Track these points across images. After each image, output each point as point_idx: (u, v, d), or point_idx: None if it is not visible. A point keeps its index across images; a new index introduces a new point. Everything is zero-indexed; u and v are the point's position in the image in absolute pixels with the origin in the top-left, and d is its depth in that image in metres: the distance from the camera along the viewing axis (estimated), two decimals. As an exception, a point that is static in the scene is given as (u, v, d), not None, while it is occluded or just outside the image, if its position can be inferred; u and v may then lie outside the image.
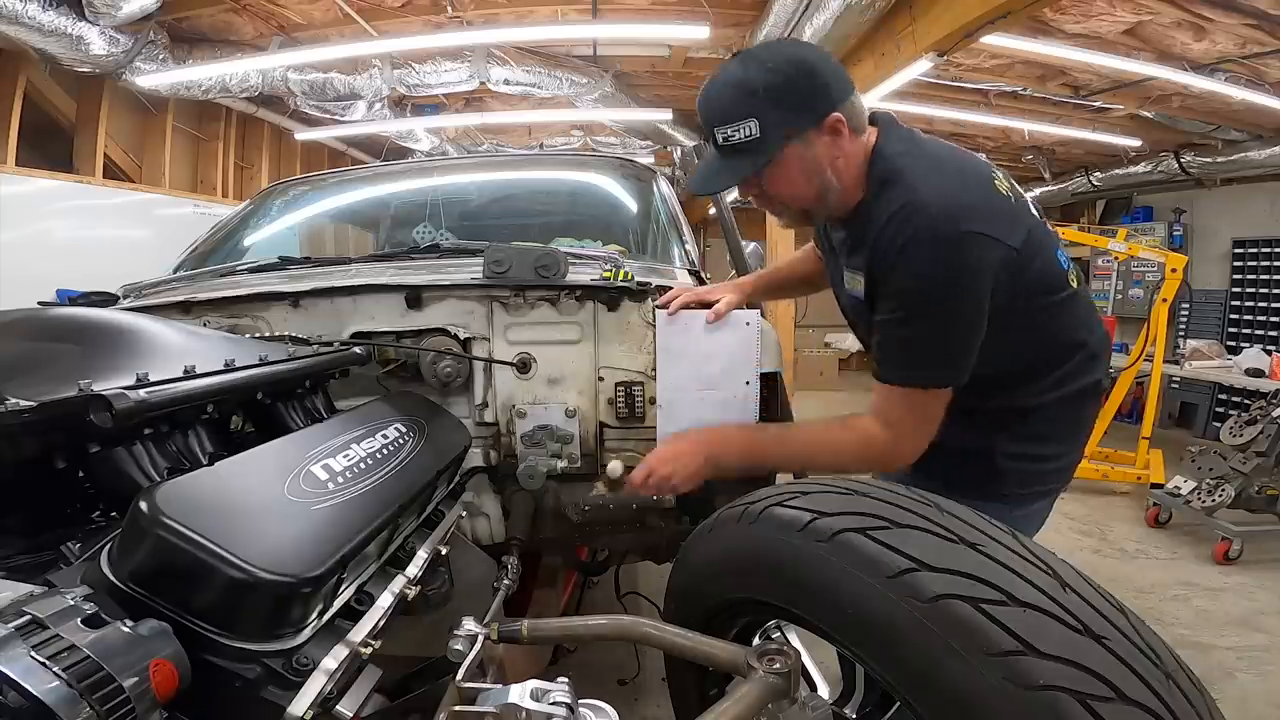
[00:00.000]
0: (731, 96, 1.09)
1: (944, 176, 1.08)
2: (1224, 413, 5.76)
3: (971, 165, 1.14)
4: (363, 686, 0.79)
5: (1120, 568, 3.36)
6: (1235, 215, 6.68)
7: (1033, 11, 3.20)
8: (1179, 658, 0.66)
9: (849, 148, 1.11)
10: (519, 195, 2.57)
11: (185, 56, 4.51)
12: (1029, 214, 1.15)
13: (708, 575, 1.01)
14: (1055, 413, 1.22)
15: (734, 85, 1.09)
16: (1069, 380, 1.22)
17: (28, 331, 1.04)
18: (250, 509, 0.77)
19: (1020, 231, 1.09)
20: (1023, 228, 1.10)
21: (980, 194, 1.08)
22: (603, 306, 1.47)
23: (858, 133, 1.12)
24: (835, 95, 1.08)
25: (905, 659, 0.69)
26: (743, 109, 1.07)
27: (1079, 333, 1.22)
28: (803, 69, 1.07)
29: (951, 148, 1.19)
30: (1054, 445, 1.24)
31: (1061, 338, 1.21)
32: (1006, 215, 1.08)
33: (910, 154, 1.11)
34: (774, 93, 1.06)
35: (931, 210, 1.03)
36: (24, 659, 0.52)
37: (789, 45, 1.17)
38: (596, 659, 2.20)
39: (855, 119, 1.11)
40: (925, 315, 1.07)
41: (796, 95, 1.07)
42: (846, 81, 1.11)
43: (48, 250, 4.16)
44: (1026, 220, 1.12)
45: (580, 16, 4.47)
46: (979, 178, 1.11)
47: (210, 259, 2.09)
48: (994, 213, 1.07)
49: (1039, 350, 1.20)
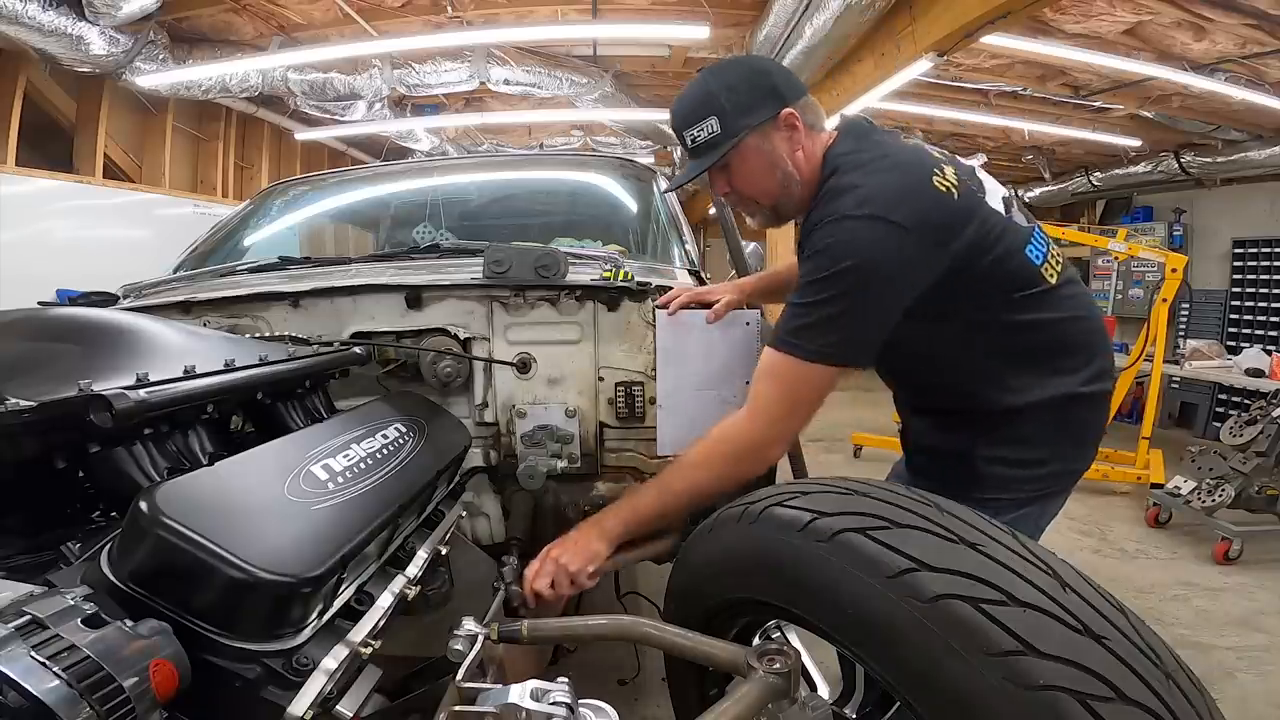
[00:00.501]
0: (694, 102, 1.20)
1: (873, 171, 1.11)
2: (1224, 413, 5.75)
3: (911, 161, 1.13)
4: (363, 686, 0.79)
5: (1120, 568, 3.35)
6: (1235, 215, 6.68)
7: (1033, 11, 3.20)
8: (1179, 658, 0.66)
9: (805, 143, 1.19)
10: (519, 195, 2.57)
11: (185, 56, 4.51)
12: (979, 209, 1.13)
13: (708, 575, 1.01)
14: (1042, 415, 1.17)
15: (696, 92, 1.21)
16: (1054, 383, 1.17)
17: (28, 331, 1.04)
18: (250, 509, 0.77)
19: (952, 224, 1.09)
20: (961, 221, 1.09)
21: (905, 185, 1.09)
22: (603, 306, 1.47)
23: (813, 129, 1.21)
24: (787, 94, 1.19)
25: (905, 659, 0.69)
26: (704, 110, 1.18)
27: (1063, 332, 1.19)
28: (756, 71, 1.22)
29: (901, 145, 1.19)
30: (1039, 450, 1.19)
31: (1039, 335, 1.18)
32: (932, 207, 1.08)
33: (854, 151, 1.16)
34: (730, 93, 1.17)
35: (847, 197, 1.09)
36: (24, 659, 0.52)
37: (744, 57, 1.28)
38: (596, 659, 2.19)
39: (809, 116, 1.20)
40: (819, 288, 1.08)
41: (751, 93, 1.18)
42: (799, 85, 1.23)
43: (48, 250, 4.16)
44: (976, 214, 1.11)
45: (580, 16, 4.47)
46: (913, 173, 1.10)
47: (210, 259, 2.09)
48: (912, 203, 1.06)
49: (1010, 347, 1.18)
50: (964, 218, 1.10)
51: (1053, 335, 1.19)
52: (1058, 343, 1.19)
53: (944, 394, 1.30)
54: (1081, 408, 1.20)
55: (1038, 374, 1.18)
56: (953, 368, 1.23)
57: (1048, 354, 1.19)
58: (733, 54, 1.23)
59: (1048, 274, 1.17)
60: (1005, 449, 1.19)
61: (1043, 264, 1.17)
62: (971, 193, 1.14)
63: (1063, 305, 1.19)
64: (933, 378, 1.31)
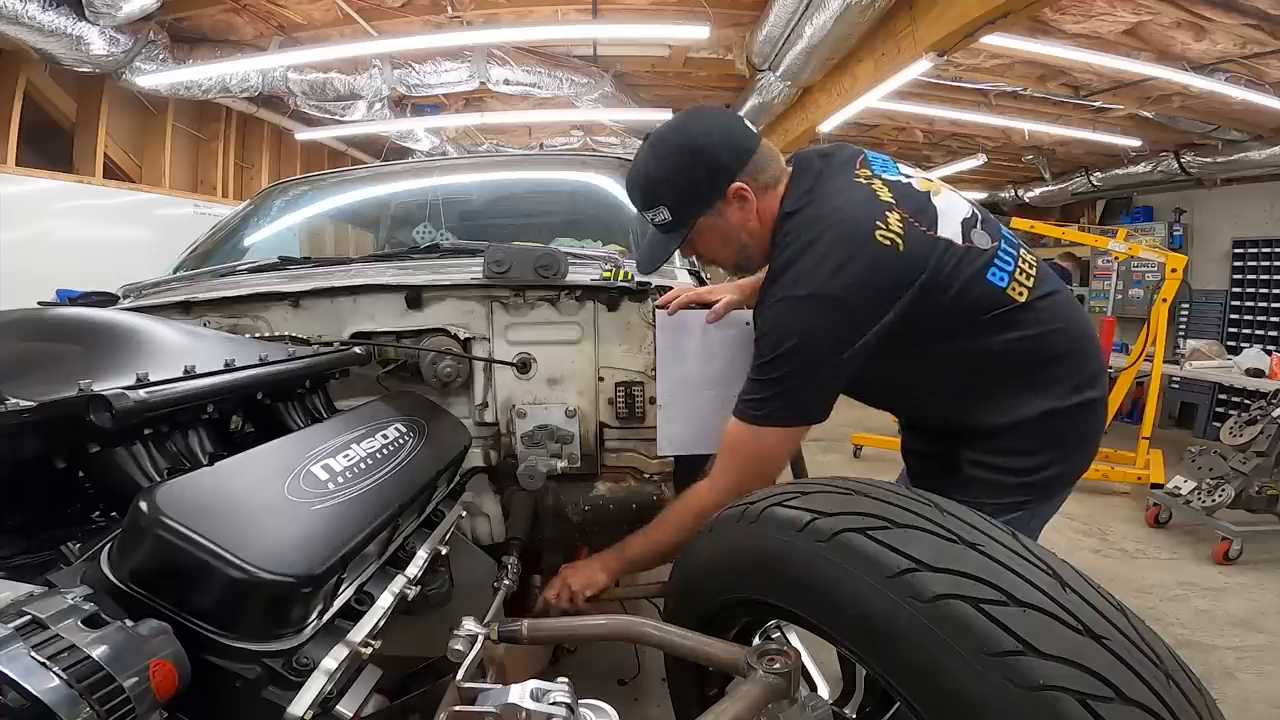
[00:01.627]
0: (642, 188, 1.23)
1: (812, 240, 1.12)
2: (1224, 413, 5.75)
3: (853, 217, 1.11)
4: (363, 686, 0.79)
5: (1120, 568, 3.35)
6: (1235, 215, 6.68)
7: (1033, 11, 3.20)
8: (1179, 658, 0.66)
9: (761, 204, 1.20)
10: (519, 195, 2.56)
11: (185, 56, 4.51)
12: (929, 253, 1.10)
13: (708, 575, 1.01)
14: (1029, 430, 1.17)
15: (641, 177, 1.22)
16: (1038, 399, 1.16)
17: (28, 331, 1.04)
18: (250, 509, 0.77)
19: (896, 283, 1.09)
20: (909, 275, 1.09)
21: (843, 253, 1.08)
22: (603, 306, 1.47)
23: (767, 189, 1.20)
24: (732, 165, 1.17)
25: (905, 659, 0.69)
26: (651, 199, 1.21)
27: (1042, 346, 1.17)
28: (693, 154, 1.17)
29: (847, 193, 1.16)
30: (1029, 458, 1.18)
31: (1015, 354, 1.15)
32: (870, 272, 1.08)
33: (800, 209, 1.17)
34: (671, 185, 1.18)
35: (786, 275, 1.12)
36: (24, 659, 0.52)
37: (679, 129, 1.20)
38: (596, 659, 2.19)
39: (761, 177, 1.19)
40: (768, 369, 1.13)
41: (691, 182, 1.18)
42: (745, 144, 1.19)
43: (48, 250, 4.16)
44: (925, 261, 1.09)
45: (580, 16, 4.47)
46: (855, 234, 1.09)
47: (210, 259, 2.09)
48: (849, 272, 1.07)
49: (988, 370, 1.17)
50: (911, 270, 1.09)
51: (1031, 351, 1.16)
52: (1037, 357, 1.17)
53: (928, 416, 1.32)
54: (1070, 419, 1.19)
55: (1019, 391, 1.17)
56: (931, 394, 1.25)
57: (1027, 370, 1.17)
58: (677, 118, 1.16)
59: (1015, 292, 1.15)
60: (995, 457, 1.19)
61: (1009, 284, 1.15)
62: (920, 235, 1.11)
63: (1039, 319, 1.16)
64: (914, 404, 1.34)
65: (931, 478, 1.24)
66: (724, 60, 5.04)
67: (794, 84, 4.74)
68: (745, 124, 1.22)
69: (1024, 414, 1.16)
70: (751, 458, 1.19)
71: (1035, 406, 1.16)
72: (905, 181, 1.20)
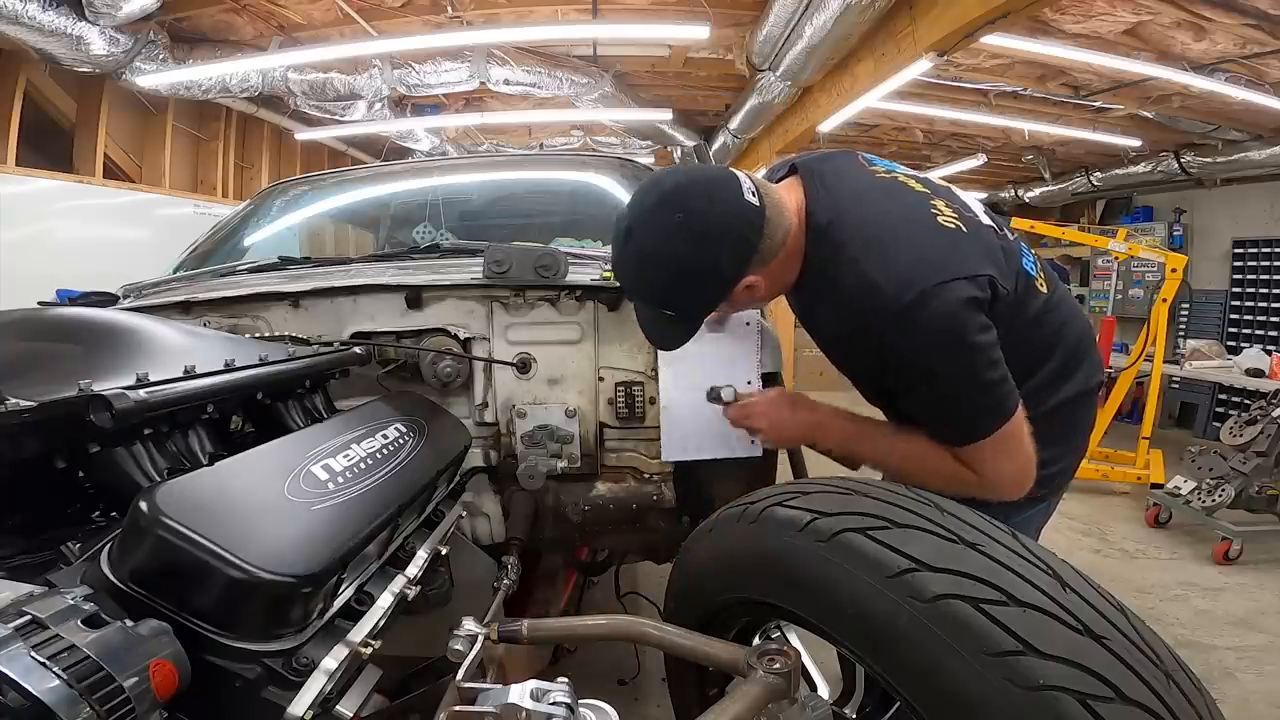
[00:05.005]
0: (641, 292, 1.13)
1: (881, 244, 1.03)
2: (1224, 413, 5.75)
3: (904, 212, 1.07)
4: (363, 686, 0.79)
5: (1120, 568, 3.35)
6: (1235, 215, 6.68)
7: (1033, 11, 3.20)
8: (1179, 658, 0.66)
9: (773, 274, 1.10)
10: (519, 195, 2.56)
11: (185, 56, 4.51)
12: (985, 233, 1.09)
13: (708, 575, 1.01)
14: (1056, 418, 1.18)
15: (639, 284, 1.11)
16: (1059, 388, 1.18)
17: (28, 331, 1.04)
18: (250, 509, 0.77)
19: (981, 256, 1.04)
20: (980, 251, 1.05)
21: (921, 244, 1.02)
22: (603, 306, 1.47)
23: (781, 246, 1.07)
24: (732, 272, 1.05)
25: (905, 659, 0.69)
26: (654, 303, 1.12)
27: (1060, 339, 1.19)
28: (693, 273, 1.04)
29: (876, 196, 1.11)
30: (1054, 449, 1.18)
31: (1044, 346, 1.17)
32: (951, 249, 1.03)
33: (839, 223, 1.06)
34: (672, 297, 1.09)
35: (885, 291, 0.99)
36: (24, 659, 0.52)
37: (673, 250, 1.02)
38: (596, 659, 2.19)
39: (767, 254, 1.06)
40: (942, 381, 1.02)
41: (694, 294, 1.08)
42: (748, 241, 1.03)
43: (48, 250, 4.16)
44: (979, 240, 1.07)
45: (580, 16, 4.47)
46: (915, 224, 1.05)
47: (210, 259, 2.09)
48: (939, 256, 1.01)
49: (1027, 365, 1.15)
50: (986, 248, 1.06)
51: (1057, 341, 1.19)
52: (1063, 347, 1.19)
53: None
54: (1087, 404, 1.24)
55: (1052, 381, 1.18)
56: None
57: (1055, 360, 1.19)
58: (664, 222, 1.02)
59: (1040, 285, 1.17)
60: None
61: (1036, 275, 1.16)
62: (971, 219, 1.10)
63: (1059, 310, 1.19)
64: None
65: None
66: (724, 60, 5.04)
67: (794, 84, 4.74)
68: (743, 198, 1.03)
69: (1051, 404, 1.17)
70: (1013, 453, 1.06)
71: (1064, 394, 1.18)
72: (922, 176, 1.20)
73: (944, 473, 1.09)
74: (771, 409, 1.27)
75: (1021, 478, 1.08)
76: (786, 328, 6.43)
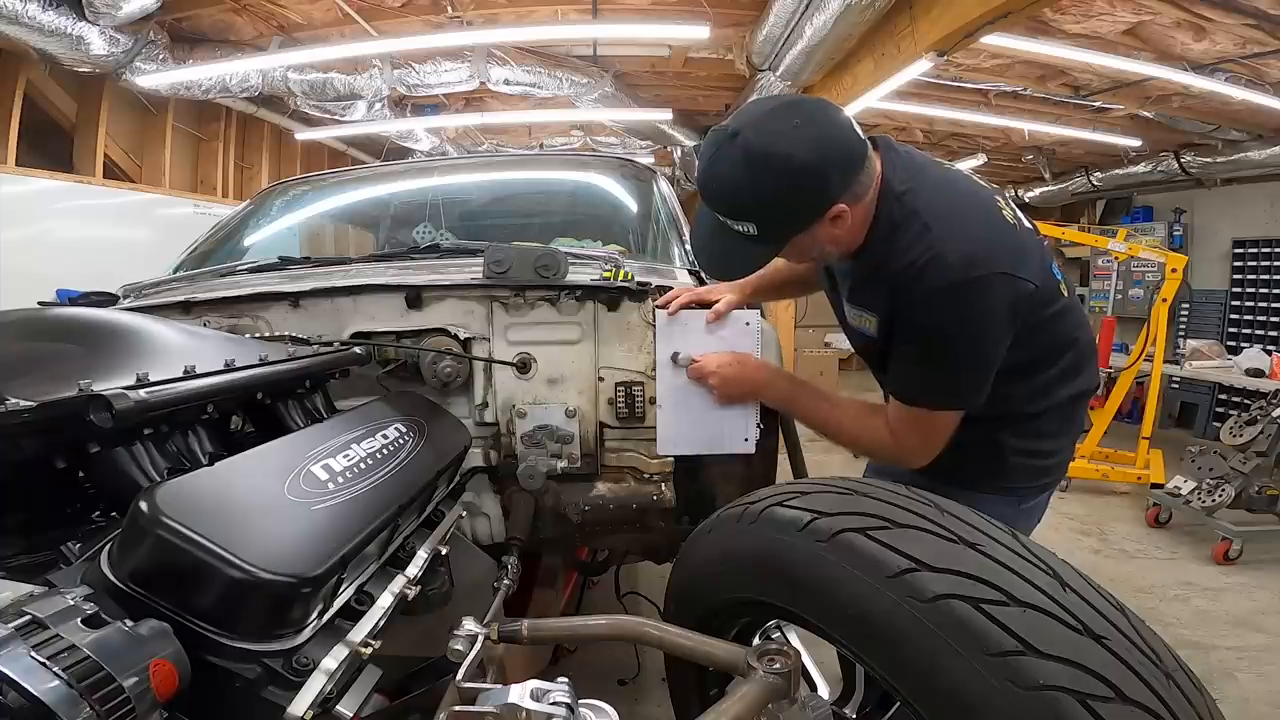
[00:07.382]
0: (729, 201, 1.10)
1: (957, 219, 1.08)
2: (1224, 413, 5.75)
3: (978, 199, 1.13)
4: (363, 686, 0.79)
5: (1120, 568, 3.36)
6: (1235, 215, 6.67)
7: (1033, 11, 3.20)
8: (1179, 658, 0.66)
9: (855, 214, 1.09)
10: (519, 195, 2.57)
11: (185, 56, 4.51)
12: (1030, 235, 1.16)
13: (708, 575, 1.01)
14: (1058, 413, 1.26)
15: (730, 189, 1.08)
16: (1066, 385, 1.24)
17: (28, 331, 1.04)
18: (250, 509, 0.77)
19: (1033, 260, 1.10)
20: (1033, 254, 1.11)
21: (993, 232, 1.09)
22: (603, 306, 1.46)
23: (863, 199, 1.09)
24: (835, 191, 1.05)
25: (905, 659, 0.69)
26: (739, 214, 1.09)
27: (1073, 339, 1.25)
28: (797, 182, 1.04)
29: (954, 177, 1.17)
30: (1053, 442, 1.28)
31: (1059, 345, 1.22)
32: (1018, 248, 1.10)
33: (916, 192, 1.09)
34: (766, 208, 1.06)
35: (949, 258, 1.04)
36: (24, 659, 0.52)
37: (787, 148, 1.01)
38: (596, 659, 2.19)
39: (861, 189, 1.08)
40: (940, 356, 1.11)
41: (791, 210, 1.07)
42: (853, 165, 1.06)
43: (48, 250, 4.16)
44: (1030, 242, 1.13)
45: (580, 16, 4.46)
46: (987, 212, 1.11)
47: (210, 259, 2.09)
48: (1008, 250, 1.07)
49: (1042, 362, 1.22)
50: (1030, 246, 1.13)
51: (1071, 339, 1.23)
52: (1073, 345, 1.24)
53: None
54: (1083, 403, 1.31)
55: (1061, 376, 1.23)
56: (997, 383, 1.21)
57: (1065, 356, 1.23)
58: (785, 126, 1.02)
59: (1062, 288, 1.21)
60: (1033, 441, 1.25)
61: (1061, 279, 1.21)
62: (1018, 216, 1.17)
63: (1075, 315, 1.25)
64: None
65: (965, 467, 1.22)
66: (724, 60, 5.04)
67: (794, 84, 4.74)
68: (855, 131, 1.07)
69: (1062, 396, 1.24)
70: (934, 435, 1.18)
71: (1068, 392, 1.24)
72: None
73: (863, 435, 1.25)
74: (724, 366, 1.38)
75: (920, 456, 1.20)
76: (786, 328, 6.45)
